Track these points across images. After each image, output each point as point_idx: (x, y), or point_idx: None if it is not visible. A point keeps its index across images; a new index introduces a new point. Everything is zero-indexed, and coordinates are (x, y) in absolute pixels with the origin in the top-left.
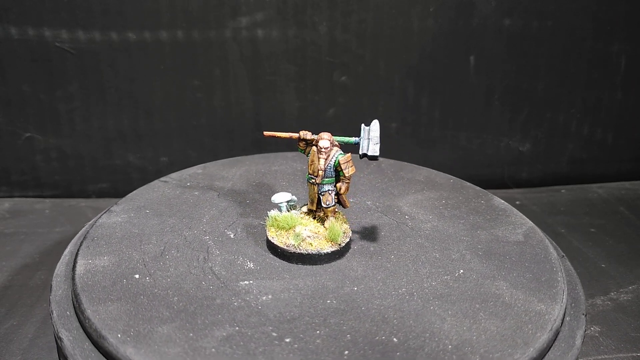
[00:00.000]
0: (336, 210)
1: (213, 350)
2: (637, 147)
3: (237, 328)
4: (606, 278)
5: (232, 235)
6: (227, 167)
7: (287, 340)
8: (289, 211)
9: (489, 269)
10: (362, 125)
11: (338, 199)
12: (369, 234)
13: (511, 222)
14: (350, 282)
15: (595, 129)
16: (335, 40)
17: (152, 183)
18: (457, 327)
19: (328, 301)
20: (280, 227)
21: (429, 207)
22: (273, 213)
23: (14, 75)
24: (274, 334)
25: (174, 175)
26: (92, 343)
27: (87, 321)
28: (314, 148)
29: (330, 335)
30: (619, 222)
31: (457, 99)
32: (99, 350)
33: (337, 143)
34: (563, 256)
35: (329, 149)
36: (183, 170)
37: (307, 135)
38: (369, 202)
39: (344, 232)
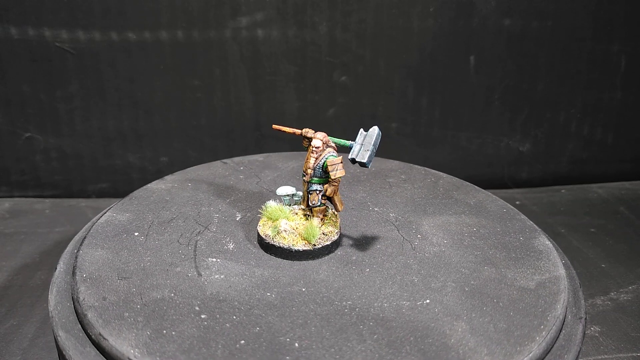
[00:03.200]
0: (334, 212)
1: (138, 307)
2: (637, 147)
3: (172, 295)
4: (606, 278)
5: (238, 218)
6: (286, 159)
7: (203, 316)
8: (289, 205)
9: (460, 307)
10: (361, 129)
11: (329, 200)
12: (362, 243)
13: (536, 266)
14: (304, 283)
15: (595, 129)
16: (335, 40)
17: (213, 162)
18: (369, 352)
19: (268, 294)
20: (269, 217)
21: (452, 232)
22: (269, 203)
23: (14, 75)
24: (197, 309)
25: (236, 159)
26: (70, 278)
27: (74, 260)
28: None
29: (242, 323)
30: (619, 222)
31: (457, 99)
32: (71, 285)
33: (333, 144)
34: (581, 318)
35: (320, 148)
36: (246, 156)
37: (309, 133)
38: (392, 215)
39: (325, 234)
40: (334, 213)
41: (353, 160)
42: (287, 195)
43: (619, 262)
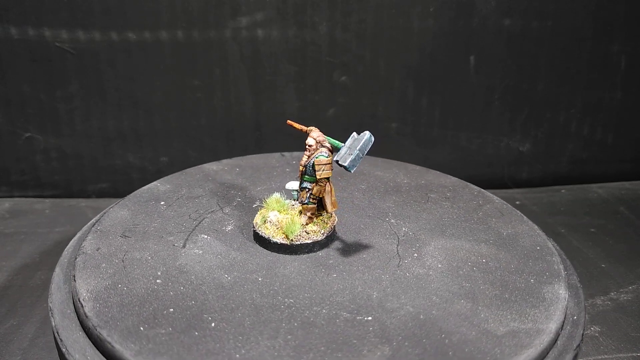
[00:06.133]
0: (330, 213)
1: (116, 261)
2: (637, 147)
3: (149, 258)
4: (606, 278)
5: (254, 205)
6: None
7: (158, 281)
8: (296, 200)
9: (399, 333)
10: (354, 133)
11: (320, 200)
12: (350, 250)
13: (525, 312)
14: (265, 274)
15: (595, 129)
16: (335, 40)
17: (272, 153)
18: (270, 349)
19: (226, 275)
20: (267, 208)
21: (455, 258)
22: (273, 195)
23: (14, 75)
24: (159, 273)
25: (295, 153)
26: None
27: (99, 217)
28: None
29: (184, 295)
30: (619, 222)
31: (457, 99)
32: (86, 234)
33: (328, 144)
34: None
35: (312, 147)
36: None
37: (311, 131)
38: (404, 229)
39: (308, 233)
40: (330, 214)
41: (337, 163)
42: (295, 190)
43: (619, 262)
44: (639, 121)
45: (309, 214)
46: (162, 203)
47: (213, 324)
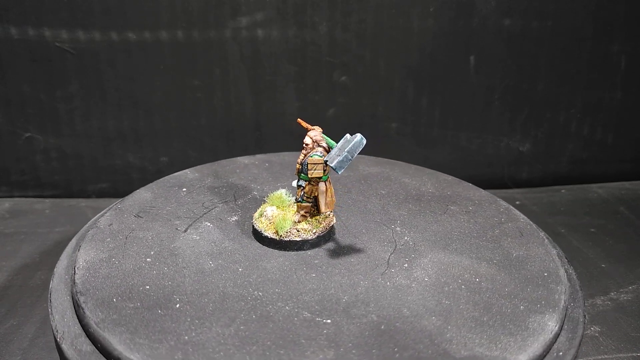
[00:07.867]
0: (324, 213)
1: (120, 237)
2: (637, 147)
3: (150, 237)
4: (606, 278)
5: (266, 199)
6: (372, 163)
7: (148, 260)
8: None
9: (352, 340)
10: (347, 134)
11: (315, 200)
12: (341, 253)
13: (497, 339)
14: (247, 266)
15: (595, 129)
16: (335, 40)
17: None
18: (218, 336)
19: (211, 262)
20: (269, 203)
21: (447, 274)
22: (278, 191)
23: (14, 75)
24: (152, 252)
25: None
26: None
27: (127, 196)
28: None
29: (164, 275)
30: (619, 222)
31: (457, 99)
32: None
33: (325, 144)
34: None
35: (309, 146)
36: None
37: (312, 131)
38: (406, 238)
39: (299, 231)
40: (326, 215)
41: (326, 163)
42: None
43: (619, 262)
44: (639, 121)
45: (302, 212)
46: (184, 190)
47: (178, 305)
